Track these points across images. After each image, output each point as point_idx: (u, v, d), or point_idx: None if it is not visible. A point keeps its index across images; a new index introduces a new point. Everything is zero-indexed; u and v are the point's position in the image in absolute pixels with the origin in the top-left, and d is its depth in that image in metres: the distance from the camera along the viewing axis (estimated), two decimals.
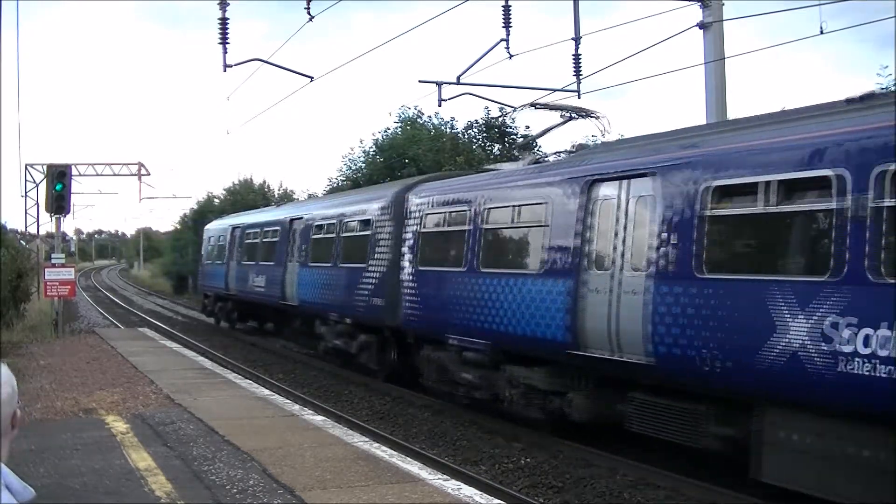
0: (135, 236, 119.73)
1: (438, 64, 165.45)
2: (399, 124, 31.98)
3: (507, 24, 14.97)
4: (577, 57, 15.13)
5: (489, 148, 29.50)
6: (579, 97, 15.12)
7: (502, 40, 15.05)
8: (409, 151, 29.52)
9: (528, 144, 13.90)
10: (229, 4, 15.33)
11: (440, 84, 16.32)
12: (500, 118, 27.01)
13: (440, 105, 16.68)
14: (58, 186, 22.60)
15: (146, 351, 19.26)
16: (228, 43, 15.53)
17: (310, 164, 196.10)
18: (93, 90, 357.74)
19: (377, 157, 31.46)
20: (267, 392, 13.73)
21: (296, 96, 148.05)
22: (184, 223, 54.39)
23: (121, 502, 7.12)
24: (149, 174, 40.38)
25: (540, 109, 14.65)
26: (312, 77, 17.21)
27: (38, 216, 36.01)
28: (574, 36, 15.03)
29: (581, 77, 15.24)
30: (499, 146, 29.49)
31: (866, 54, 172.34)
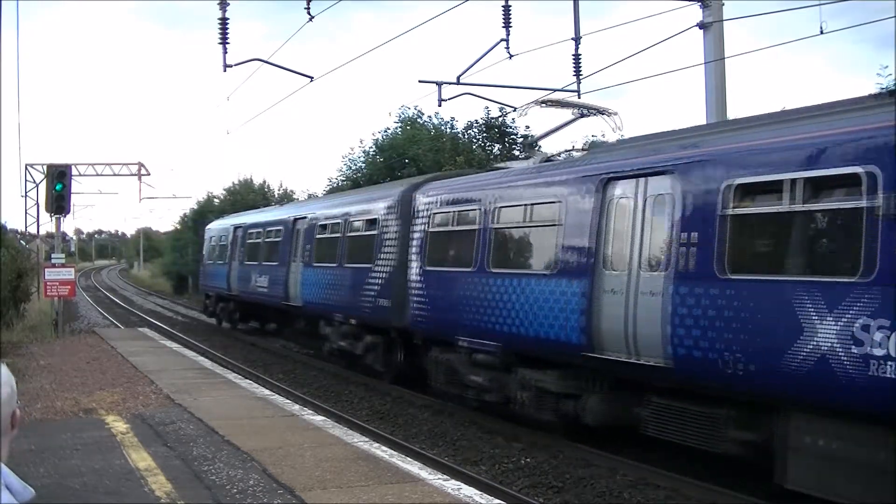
0: (135, 236, 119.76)
1: (438, 64, 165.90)
2: (399, 124, 31.98)
3: (507, 24, 15.00)
4: (577, 57, 15.16)
5: (489, 148, 29.49)
6: (579, 97, 15.12)
7: (502, 40, 15.08)
8: (409, 151, 29.48)
9: (533, 143, 13.74)
10: (229, 4, 15.37)
11: (440, 84, 16.34)
12: (500, 118, 26.98)
13: (440, 105, 16.73)
14: (58, 186, 22.63)
15: (146, 351, 19.26)
16: (228, 43, 15.56)
17: (310, 164, 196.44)
18: (93, 90, 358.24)
19: (377, 157, 31.43)
20: (267, 392, 13.73)
21: (296, 96, 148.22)
22: (184, 223, 54.40)
23: (121, 502, 7.13)
24: (149, 174, 40.45)
25: (551, 107, 14.40)
26: (312, 77, 17.24)
27: (38, 216, 36.02)
28: (574, 36, 15.06)
29: (581, 77, 15.26)
30: (499, 146, 29.49)
31: (866, 54, 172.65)
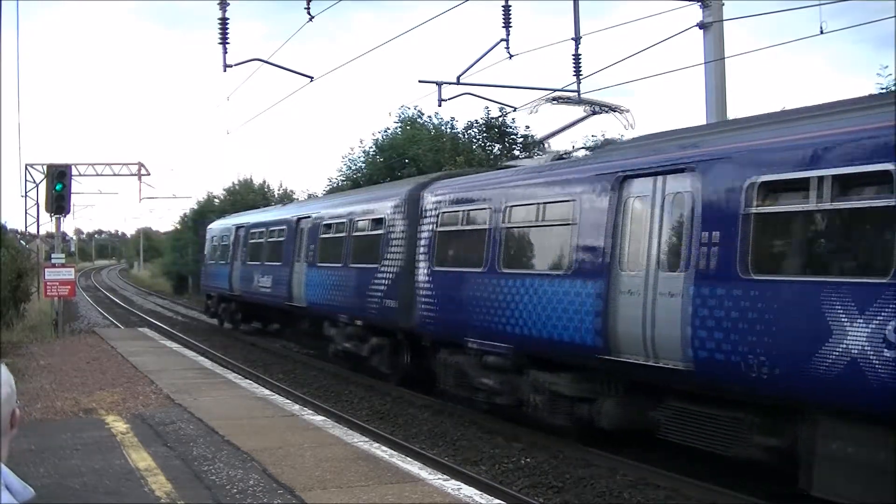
0: (135, 236, 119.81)
1: (438, 64, 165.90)
2: (399, 124, 31.99)
3: (507, 24, 14.99)
4: (577, 57, 15.15)
5: (489, 148, 29.51)
6: (579, 97, 15.10)
7: (502, 40, 15.07)
8: (409, 151, 29.49)
9: (541, 142, 13.63)
10: (229, 4, 15.35)
11: (440, 84, 16.33)
12: (500, 118, 26.98)
13: (440, 105, 16.70)
14: (58, 186, 22.64)
15: (146, 351, 19.26)
16: (228, 43, 15.54)
17: (310, 164, 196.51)
18: (93, 90, 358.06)
19: (377, 157, 31.45)
20: (267, 392, 13.73)
21: (296, 96, 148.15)
22: (184, 223, 54.46)
23: (121, 502, 7.13)
24: (149, 174, 40.31)
25: (562, 103, 14.22)
26: (312, 77, 17.23)
27: (38, 216, 35.97)
28: (574, 36, 15.05)
29: (581, 77, 15.26)
30: (499, 146, 29.50)
31: (866, 54, 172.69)
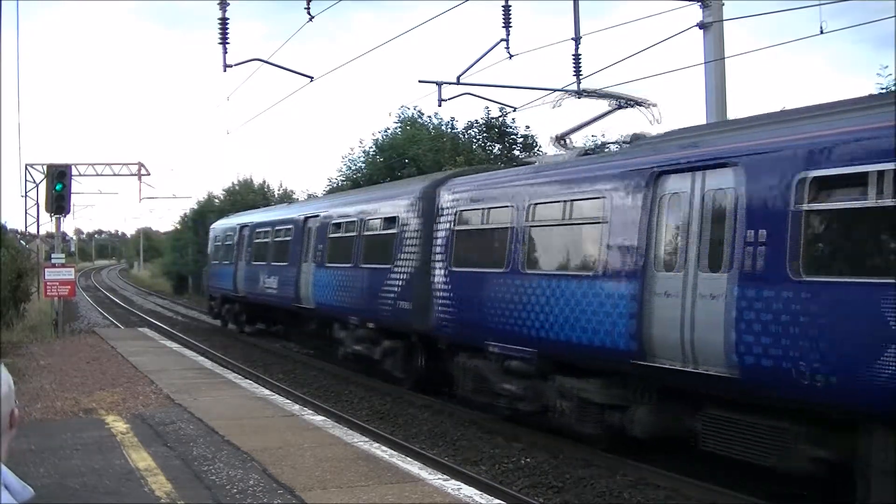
0: (135, 236, 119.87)
1: (438, 64, 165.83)
2: (399, 124, 32.02)
3: (507, 24, 14.96)
4: (577, 57, 15.13)
5: (489, 148, 29.54)
6: (579, 97, 15.10)
7: (502, 40, 15.05)
8: (409, 151, 29.52)
9: (563, 137, 13.44)
10: (229, 4, 15.32)
11: (440, 84, 16.31)
12: (500, 118, 26.98)
13: (440, 105, 16.65)
14: (58, 186, 22.64)
15: (146, 351, 19.26)
16: (228, 43, 15.51)
17: (310, 164, 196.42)
18: (93, 90, 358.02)
19: (377, 158, 31.47)
20: (267, 392, 13.73)
21: (296, 96, 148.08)
22: (184, 223, 54.48)
23: (121, 502, 7.13)
24: (149, 174, 40.23)
25: (588, 97, 13.89)
26: (312, 77, 17.20)
27: (38, 216, 35.98)
28: (574, 36, 15.04)
29: (581, 77, 15.24)
30: (499, 146, 29.54)
31: (866, 54, 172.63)
